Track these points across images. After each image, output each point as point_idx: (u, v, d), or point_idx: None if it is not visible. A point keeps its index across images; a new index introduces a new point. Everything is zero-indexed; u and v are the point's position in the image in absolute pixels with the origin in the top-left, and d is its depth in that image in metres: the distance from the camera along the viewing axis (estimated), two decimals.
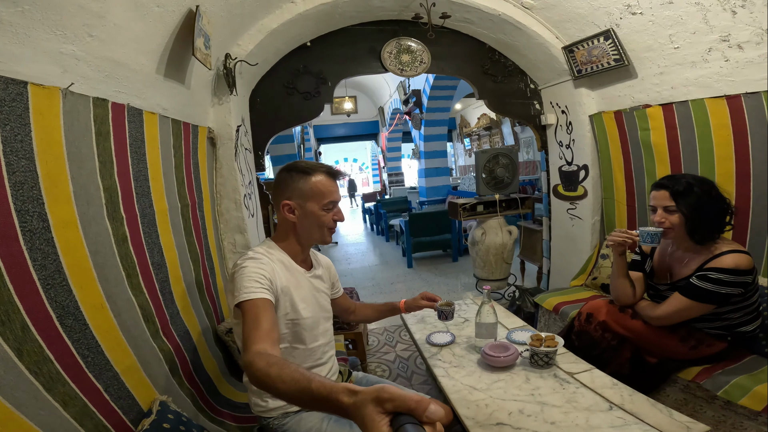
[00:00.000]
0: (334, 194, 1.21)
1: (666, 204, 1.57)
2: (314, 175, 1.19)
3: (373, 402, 0.51)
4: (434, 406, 0.49)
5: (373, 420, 0.49)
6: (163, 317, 1.43)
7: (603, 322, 1.69)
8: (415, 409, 0.48)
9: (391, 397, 0.50)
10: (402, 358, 2.72)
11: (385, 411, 0.50)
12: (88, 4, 1.08)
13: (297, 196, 1.19)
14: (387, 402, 0.50)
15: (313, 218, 1.19)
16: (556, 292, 2.67)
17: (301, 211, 1.19)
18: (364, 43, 2.75)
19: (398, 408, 0.49)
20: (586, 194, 2.92)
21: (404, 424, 0.48)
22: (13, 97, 0.94)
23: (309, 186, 1.18)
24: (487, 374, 1.44)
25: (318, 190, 1.18)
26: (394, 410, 0.50)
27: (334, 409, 0.60)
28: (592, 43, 2.42)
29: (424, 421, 0.48)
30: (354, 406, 0.54)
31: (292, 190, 1.19)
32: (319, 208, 1.19)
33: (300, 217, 1.20)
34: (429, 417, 0.48)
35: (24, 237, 0.94)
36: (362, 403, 0.52)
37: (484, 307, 1.62)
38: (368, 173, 17.99)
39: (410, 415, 0.49)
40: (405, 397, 0.50)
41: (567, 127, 2.97)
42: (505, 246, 3.32)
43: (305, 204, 1.19)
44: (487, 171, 3.32)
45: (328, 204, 1.20)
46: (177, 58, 1.62)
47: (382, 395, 0.50)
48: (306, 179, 1.18)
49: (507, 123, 8.01)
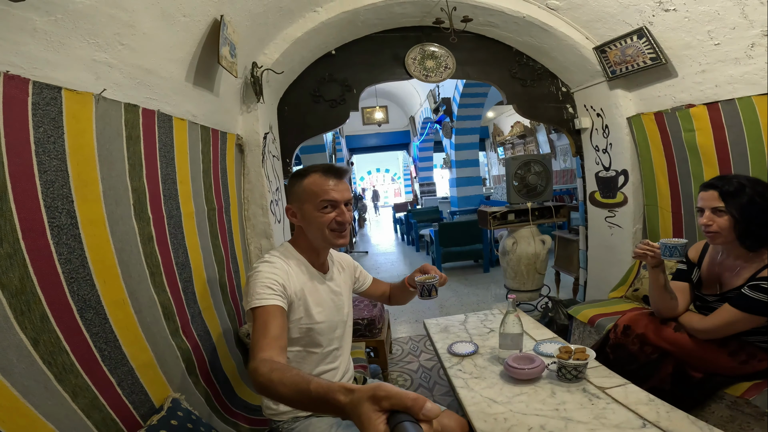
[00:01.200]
0: (329, 193, 1.13)
1: (714, 205, 1.45)
2: (308, 176, 1.15)
3: (369, 400, 0.51)
4: (430, 404, 0.48)
5: (370, 418, 0.49)
6: (183, 316, 1.46)
7: (642, 335, 1.59)
8: (411, 407, 0.48)
9: (388, 395, 0.50)
10: (425, 368, 2.65)
11: (382, 409, 0.50)
12: (118, 14, 1.14)
13: (296, 200, 1.18)
14: (383, 400, 0.50)
15: (312, 220, 1.15)
16: (592, 303, 2.53)
17: (301, 214, 1.17)
18: (388, 50, 2.77)
19: (395, 406, 0.49)
20: (625, 201, 2.76)
21: (402, 422, 0.48)
22: (47, 102, 1.00)
23: (303, 188, 1.15)
24: (509, 387, 1.36)
25: (311, 190, 1.14)
26: (390, 408, 0.50)
27: (332, 409, 0.59)
28: (624, 42, 2.32)
29: (420, 419, 0.48)
30: (350, 405, 0.54)
31: (292, 194, 1.19)
32: (314, 209, 1.14)
33: (301, 221, 1.18)
34: (425, 415, 0.48)
35: (51, 232, 0.98)
36: (358, 401, 0.52)
37: (508, 316, 1.55)
38: (400, 183, 18.01)
39: (407, 413, 0.49)
40: (401, 395, 0.49)
41: (603, 130, 2.84)
42: (538, 256, 3.19)
43: (302, 206, 1.16)
44: (518, 178, 3.22)
45: (323, 203, 1.13)
46: (205, 67, 1.68)
47: (378, 393, 0.50)
48: (301, 181, 1.16)
49: (543, 131, 7.79)
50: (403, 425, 0.47)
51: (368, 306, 2.57)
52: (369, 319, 2.38)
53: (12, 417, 0.77)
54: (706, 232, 1.49)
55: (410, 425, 0.47)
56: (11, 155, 0.89)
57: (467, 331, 1.95)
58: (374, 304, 2.59)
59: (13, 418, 0.77)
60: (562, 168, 7.40)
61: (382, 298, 1.53)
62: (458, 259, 5.34)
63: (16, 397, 0.79)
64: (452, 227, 5.35)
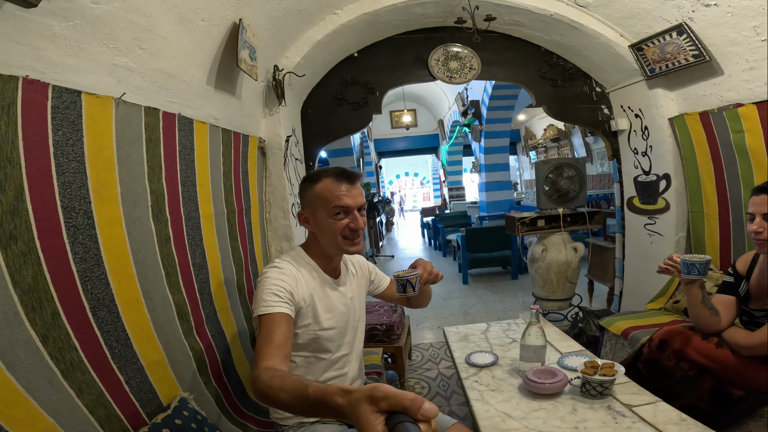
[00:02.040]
0: (341, 199, 1.10)
1: (766, 211, 1.34)
2: (320, 180, 1.13)
3: (367, 401, 0.51)
4: (428, 404, 0.48)
5: (368, 419, 0.49)
6: (198, 316, 1.48)
7: (679, 350, 1.51)
8: (409, 408, 0.48)
9: (385, 395, 0.50)
10: (444, 377, 2.58)
11: (380, 410, 0.50)
12: (136, 19, 1.17)
13: (308, 205, 1.16)
14: (381, 401, 0.50)
15: (324, 227, 1.13)
16: (627, 315, 2.39)
17: (313, 220, 1.15)
18: (411, 52, 2.74)
19: (393, 406, 0.49)
20: (668, 207, 2.59)
21: (400, 422, 0.48)
22: (67, 105, 1.03)
23: (315, 193, 1.13)
24: (527, 401, 1.28)
25: (323, 196, 1.11)
26: (388, 409, 0.50)
27: (330, 411, 0.59)
28: (663, 39, 2.18)
29: (419, 419, 0.48)
30: (348, 406, 0.54)
31: (304, 199, 1.17)
32: (327, 215, 1.11)
33: (314, 227, 1.16)
34: (424, 415, 0.47)
35: (68, 232, 1.01)
36: (356, 402, 0.52)
37: (531, 327, 1.47)
38: (429, 187, 17.88)
39: (405, 413, 0.49)
40: (399, 395, 0.49)
41: (642, 132, 2.68)
42: (569, 264, 3.03)
43: (315, 212, 1.14)
44: (549, 183, 3.08)
45: (336, 209, 1.10)
46: (226, 70, 1.71)
47: (376, 394, 0.50)
48: (312, 186, 1.14)
49: (578, 134, 7.51)
50: (402, 425, 0.47)
51: (388, 311, 2.52)
52: (388, 324, 2.34)
53: (12, 410, 0.78)
54: (756, 240, 1.39)
55: (409, 425, 0.47)
56: (29, 157, 0.92)
57: (488, 340, 1.87)
58: (394, 310, 2.55)
59: (12, 411, 0.78)
60: (599, 172, 7.12)
61: (400, 300, 1.47)
62: (486, 266, 5.22)
63: (19, 391, 0.80)
64: (480, 232, 5.25)
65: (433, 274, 1.23)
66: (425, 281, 1.22)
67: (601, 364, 1.34)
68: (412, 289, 1.16)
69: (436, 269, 1.25)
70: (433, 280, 1.24)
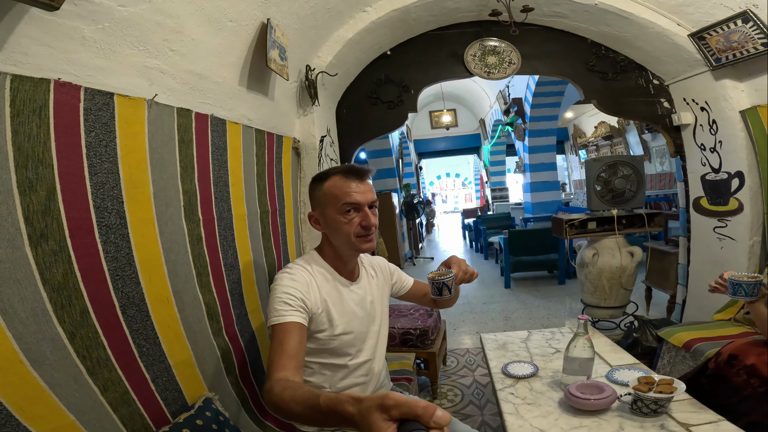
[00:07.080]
0: (351, 195, 1.07)
1: None
2: (329, 179, 1.10)
3: (378, 409, 0.50)
4: (441, 411, 0.48)
5: (380, 428, 0.49)
6: (228, 316, 1.48)
7: (752, 366, 1.36)
8: (422, 416, 0.47)
9: (397, 403, 0.49)
10: (479, 384, 2.46)
11: (391, 418, 0.49)
12: (164, 21, 1.19)
13: (318, 205, 1.13)
14: (392, 409, 0.49)
15: (335, 226, 1.09)
16: (690, 325, 2.18)
17: (324, 220, 1.12)
18: (445, 48, 2.65)
19: (405, 414, 0.49)
20: (741, 208, 2.35)
21: (412, 430, 0.48)
22: (99, 107, 1.06)
23: (323, 192, 1.10)
24: (567, 417, 1.16)
25: (332, 194, 1.08)
26: (400, 417, 0.49)
27: (342, 421, 0.58)
28: (727, 27, 2.00)
29: (431, 427, 0.47)
30: (359, 415, 0.53)
31: (313, 199, 1.14)
32: (336, 213, 1.08)
33: (324, 227, 1.13)
34: (436, 422, 0.47)
35: (99, 231, 1.03)
36: (367, 411, 0.52)
37: (578, 339, 1.34)
38: (471, 188, 17.50)
39: (417, 421, 0.48)
40: (411, 403, 0.49)
41: (710, 126, 2.44)
42: (624, 270, 2.80)
43: (325, 212, 1.11)
44: (601, 182, 2.86)
45: (346, 207, 1.07)
46: (257, 71, 1.71)
47: (387, 402, 0.50)
48: (321, 185, 1.11)
49: (634, 131, 7.01)
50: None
51: (423, 315, 2.44)
52: (422, 329, 2.25)
53: (32, 406, 0.79)
54: None
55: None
56: (61, 158, 0.94)
57: (528, 350, 1.74)
58: (429, 314, 2.46)
59: (32, 407, 0.79)
60: (659, 171, 6.63)
61: (425, 300, 1.39)
62: (530, 269, 4.99)
63: (42, 387, 0.81)
64: (523, 235, 5.04)
65: (468, 272, 1.15)
66: (460, 281, 1.14)
67: (658, 380, 1.19)
68: (449, 292, 1.07)
69: (470, 267, 1.16)
70: (469, 279, 1.16)
